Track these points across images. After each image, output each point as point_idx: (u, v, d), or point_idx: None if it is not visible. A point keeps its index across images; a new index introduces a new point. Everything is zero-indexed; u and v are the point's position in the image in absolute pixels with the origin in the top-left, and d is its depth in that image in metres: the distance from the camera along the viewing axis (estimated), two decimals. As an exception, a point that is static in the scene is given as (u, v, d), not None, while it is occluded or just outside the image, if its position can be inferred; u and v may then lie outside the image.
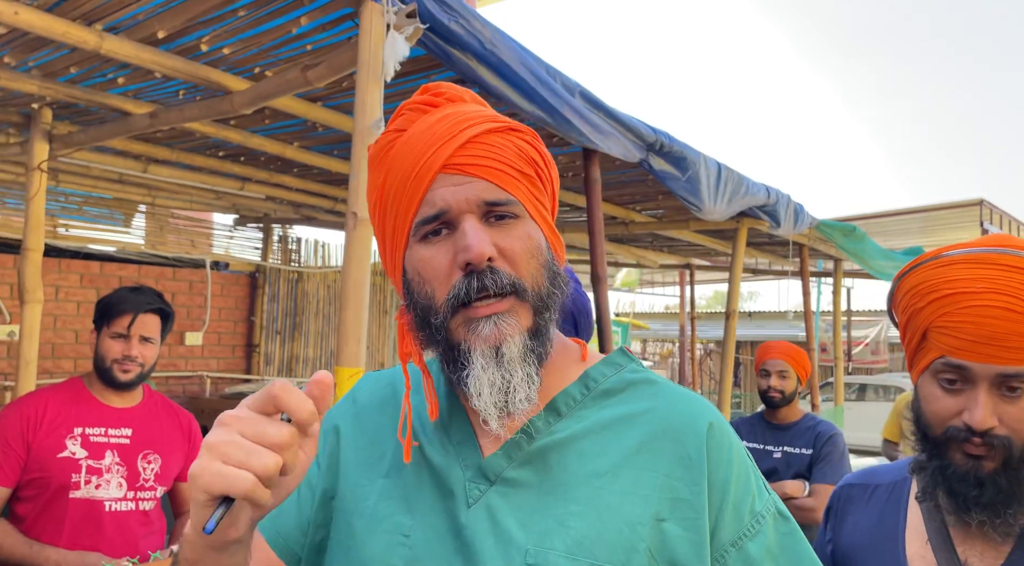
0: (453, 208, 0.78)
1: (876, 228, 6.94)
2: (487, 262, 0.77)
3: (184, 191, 4.85)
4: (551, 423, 0.83)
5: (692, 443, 0.80)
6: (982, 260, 1.05)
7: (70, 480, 2.10)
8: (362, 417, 0.92)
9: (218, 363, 5.58)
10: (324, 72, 2.22)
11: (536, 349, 0.79)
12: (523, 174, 0.82)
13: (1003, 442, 1.03)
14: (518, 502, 0.79)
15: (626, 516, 0.76)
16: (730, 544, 0.78)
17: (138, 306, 2.19)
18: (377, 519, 0.82)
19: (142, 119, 2.88)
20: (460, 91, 0.86)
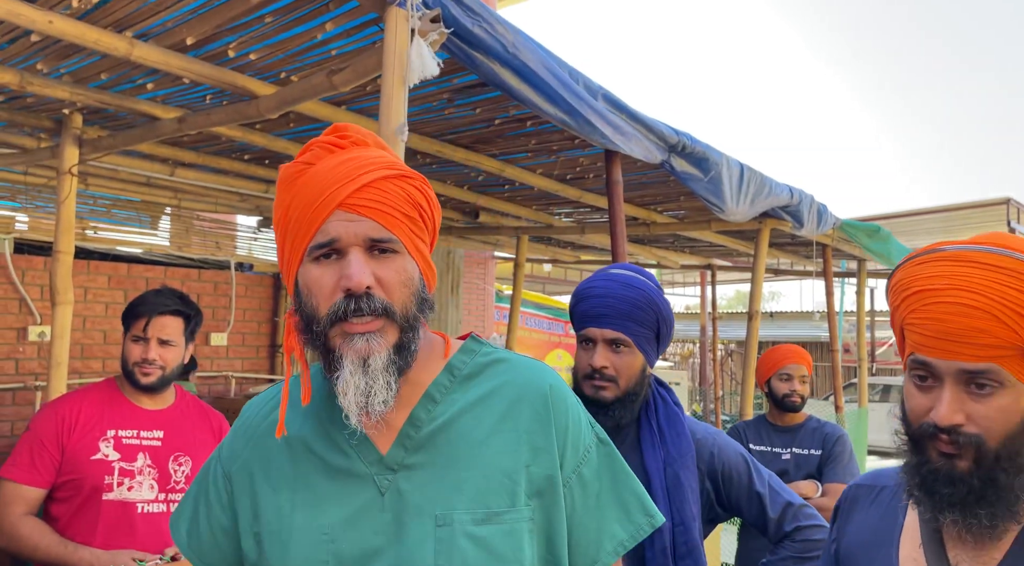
0: (343, 240, 0.94)
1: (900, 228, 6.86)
2: (365, 289, 0.93)
3: (209, 194, 4.91)
4: (430, 410, 1.01)
5: (540, 402, 1.02)
6: (950, 258, 1.04)
7: (103, 482, 2.14)
8: (260, 446, 1.06)
9: (243, 363, 5.65)
10: (349, 76, 2.25)
11: (397, 362, 0.96)
12: (406, 216, 0.98)
13: (972, 440, 1.01)
14: (421, 480, 0.98)
15: (504, 469, 0.98)
16: (572, 471, 1.03)
17: (153, 308, 2.21)
18: (300, 529, 0.98)
19: (170, 124, 2.93)
20: (364, 135, 1.02)
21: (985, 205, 6.38)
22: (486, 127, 3.23)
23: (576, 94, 2.54)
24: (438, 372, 1.04)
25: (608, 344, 1.67)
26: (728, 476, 1.70)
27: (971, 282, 1.00)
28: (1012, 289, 0.98)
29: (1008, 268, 0.99)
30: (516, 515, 0.96)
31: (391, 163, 0.99)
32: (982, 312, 0.98)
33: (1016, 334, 0.98)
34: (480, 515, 0.95)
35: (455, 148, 3.47)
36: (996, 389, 1.00)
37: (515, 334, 5.45)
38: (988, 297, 0.99)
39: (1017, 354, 0.99)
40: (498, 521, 0.95)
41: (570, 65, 2.56)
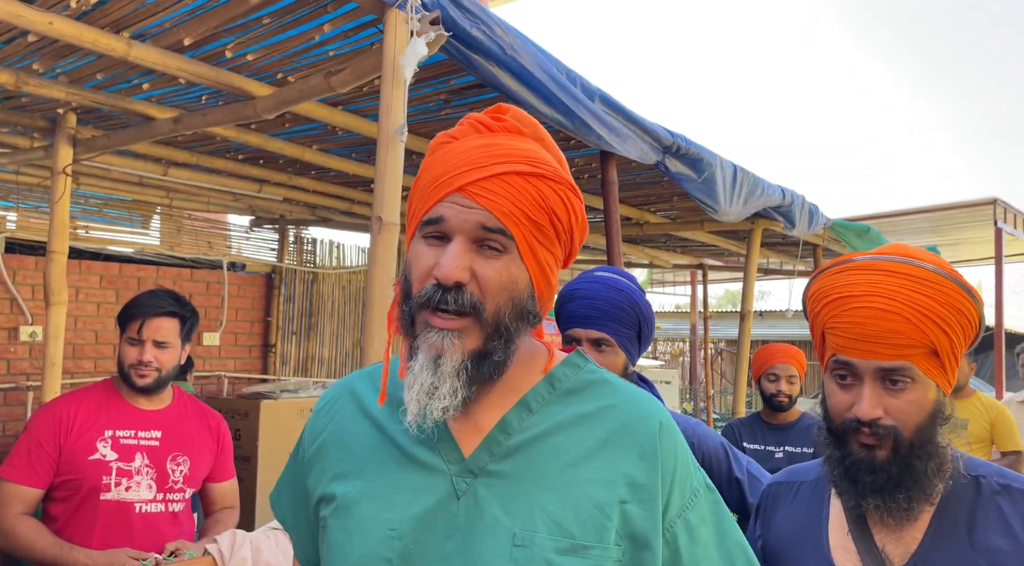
0: (450, 223, 0.89)
1: (889, 227, 6.92)
2: (456, 283, 0.87)
3: (202, 193, 4.90)
4: (524, 419, 0.94)
5: (646, 438, 0.93)
6: (867, 267, 1.16)
7: (101, 482, 2.14)
8: (338, 432, 1.01)
9: (235, 363, 5.63)
10: (348, 78, 2.26)
11: (470, 370, 0.89)
12: (529, 219, 0.90)
13: (890, 431, 1.13)
14: (502, 492, 0.90)
15: (596, 500, 0.89)
16: (676, 516, 0.93)
17: (147, 310, 2.20)
18: (366, 519, 0.92)
19: (165, 124, 2.93)
20: (524, 123, 0.95)
21: (972, 205, 6.43)
22: (482, 128, 3.24)
23: (573, 96, 2.55)
24: (537, 380, 0.97)
25: (592, 344, 1.74)
26: (708, 464, 1.77)
27: (886, 288, 1.12)
28: (919, 294, 1.11)
29: (917, 276, 1.12)
30: (603, 553, 0.87)
31: (534, 159, 0.91)
32: (896, 315, 1.11)
33: (924, 334, 1.11)
34: (564, 544, 0.87)
35: (450, 148, 3.48)
36: (908, 385, 1.13)
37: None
38: (901, 302, 1.11)
39: (925, 352, 1.12)
40: (583, 554, 0.87)
41: (568, 66, 2.58)
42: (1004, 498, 1.14)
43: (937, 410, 1.15)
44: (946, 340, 1.12)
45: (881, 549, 1.16)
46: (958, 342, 1.13)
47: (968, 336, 1.15)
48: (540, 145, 0.95)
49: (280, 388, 5.13)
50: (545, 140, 0.96)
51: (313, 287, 6.17)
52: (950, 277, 1.12)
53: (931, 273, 1.12)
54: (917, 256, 1.15)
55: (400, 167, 1.96)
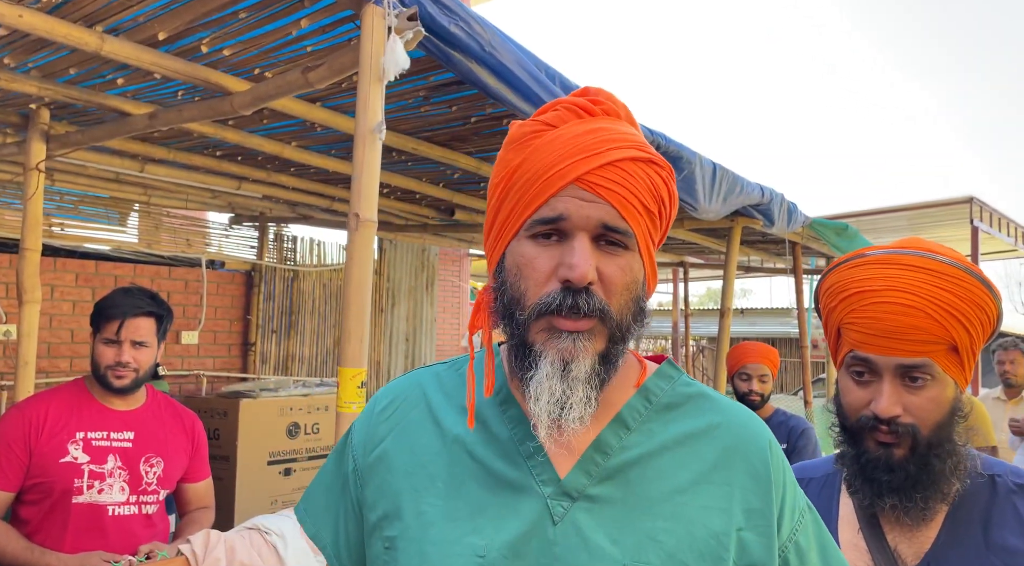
0: (572, 220, 0.81)
1: (868, 225, 6.99)
2: (587, 284, 0.80)
3: (180, 190, 4.85)
4: (621, 437, 0.86)
5: (759, 459, 0.87)
6: (885, 261, 1.12)
7: (72, 485, 2.10)
8: (403, 439, 0.92)
9: (214, 362, 5.58)
10: (325, 74, 2.24)
11: (601, 374, 0.82)
12: (646, 209, 0.84)
13: (908, 430, 1.10)
14: (605, 518, 0.82)
15: (711, 528, 0.82)
16: (787, 539, 0.87)
17: (126, 310, 2.16)
18: (449, 543, 0.82)
19: (141, 120, 2.89)
20: (618, 105, 0.89)
21: (949, 204, 6.52)
22: (462, 125, 3.23)
23: (552, 93, 2.55)
24: (631, 394, 0.89)
25: None
26: None
27: (906, 283, 1.09)
28: (940, 289, 1.07)
29: (936, 270, 1.09)
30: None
31: (641, 144, 0.85)
32: (917, 311, 1.07)
33: (945, 330, 1.07)
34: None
35: (431, 145, 3.47)
36: (928, 382, 1.09)
37: (490, 331, 5.44)
38: (922, 297, 1.07)
39: (946, 349, 1.09)
40: None
41: (547, 64, 2.57)
42: (1020, 497, 1.11)
43: (955, 408, 1.12)
44: (966, 336, 1.08)
45: (893, 548, 1.14)
46: (977, 338, 1.10)
47: (987, 331, 1.11)
48: (634, 127, 0.89)
49: (260, 387, 5.09)
50: (636, 124, 0.91)
51: (294, 285, 6.12)
52: (969, 271, 1.09)
53: (950, 267, 1.09)
54: (934, 250, 1.12)
55: (377, 164, 1.94)
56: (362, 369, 1.90)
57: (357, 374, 1.89)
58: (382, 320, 6.71)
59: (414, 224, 5.68)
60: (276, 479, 4.83)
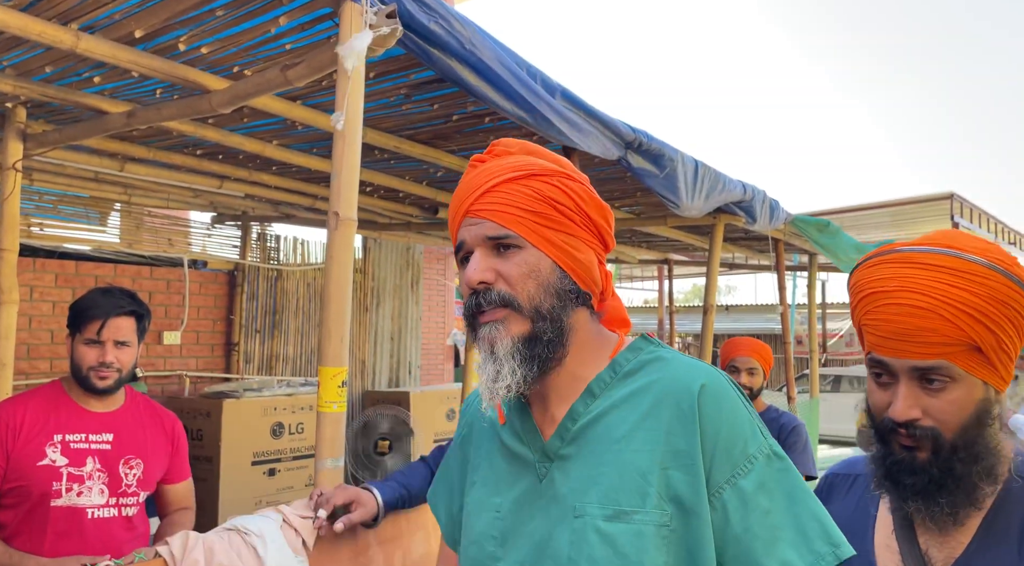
0: (468, 242, 1.03)
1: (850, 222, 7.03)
2: (482, 284, 1.00)
3: (161, 189, 4.80)
4: (588, 404, 1.03)
5: (686, 402, 0.96)
6: (903, 260, 1.09)
7: (51, 488, 2.07)
8: (474, 429, 1.18)
9: (197, 362, 5.54)
10: (304, 71, 2.22)
11: (524, 351, 0.99)
12: (530, 212, 1.01)
13: (928, 433, 1.07)
14: (569, 472, 1.00)
15: (639, 468, 0.95)
16: (724, 482, 0.93)
17: (108, 310, 2.14)
18: (480, 503, 1.08)
19: (118, 118, 2.86)
20: (511, 147, 1.09)
21: (930, 200, 6.56)
22: (444, 123, 3.22)
23: (533, 91, 2.55)
24: (603, 368, 1.05)
25: None
26: None
27: (918, 283, 1.05)
28: (956, 288, 1.03)
29: (952, 268, 1.04)
30: (645, 517, 0.93)
31: (520, 166, 1.03)
32: (929, 312, 1.03)
33: (962, 331, 1.03)
34: (610, 511, 0.95)
35: (413, 144, 3.46)
36: (948, 384, 1.05)
37: (475, 330, 5.44)
38: (934, 297, 1.03)
39: (965, 349, 1.04)
40: (626, 520, 0.94)
41: (528, 62, 2.57)
42: None
43: (983, 410, 1.07)
44: (990, 336, 1.03)
45: (925, 551, 1.11)
46: (1008, 337, 1.04)
47: (1020, 328, 1.05)
48: (530, 156, 1.07)
49: (243, 387, 5.06)
50: (536, 152, 1.08)
51: (277, 284, 6.09)
52: (994, 267, 1.04)
53: (971, 264, 1.04)
54: (960, 245, 1.07)
55: (357, 162, 1.93)
56: (343, 368, 1.89)
57: (338, 373, 1.88)
58: (367, 319, 6.68)
59: (398, 223, 5.66)
60: (260, 479, 4.81)
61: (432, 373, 7.81)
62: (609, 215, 1.07)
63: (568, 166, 1.07)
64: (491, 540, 1.03)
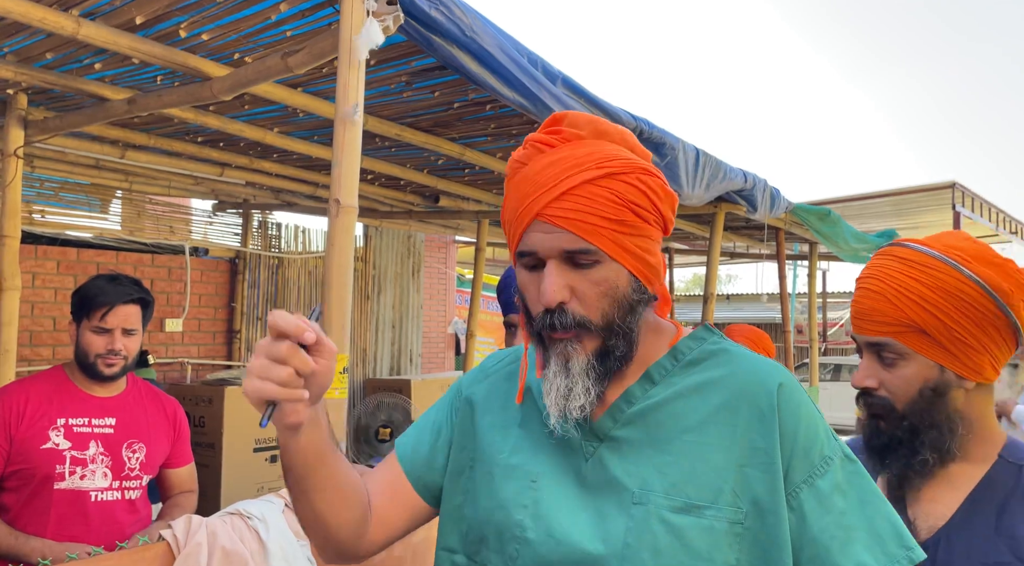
0: (540, 252, 0.95)
1: (851, 211, 7.02)
2: (559, 305, 0.94)
3: (162, 177, 4.81)
4: (647, 389, 1.00)
5: (764, 401, 0.95)
6: (884, 252, 1.24)
7: (54, 471, 2.10)
8: (494, 389, 1.13)
9: (199, 349, 5.57)
10: (305, 59, 2.22)
11: (598, 368, 0.96)
12: (612, 220, 0.93)
13: (881, 402, 1.21)
14: (624, 455, 0.97)
15: (712, 463, 0.93)
16: (802, 482, 0.92)
17: (116, 298, 2.16)
18: (511, 468, 1.03)
19: (120, 105, 2.86)
20: (581, 125, 0.98)
21: (932, 189, 6.55)
22: (445, 111, 3.22)
23: (534, 79, 2.54)
24: (662, 354, 1.02)
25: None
26: None
27: (880, 271, 1.20)
28: (905, 276, 1.17)
29: (909, 259, 1.18)
30: (717, 513, 0.91)
31: (601, 159, 0.94)
32: (878, 295, 1.19)
33: (904, 313, 1.16)
34: (679, 503, 0.92)
35: (414, 131, 3.45)
36: (897, 360, 1.19)
37: (476, 318, 5.46)
38: (884, 283, 1.19)
39: (911, 330, 1.16)
40: (697, 514, 0.91)
41: (529, 49, 2.57)
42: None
43: (935, 388, 1.17)
44: (934, 321, 1.14)
45: (912, 520, 1.19)
46: (960, 326, 1.13)
47: (976, 320, 1.13)
48: (602, 140, 0.97)
49: (245, 374, 5.08)
50: (606, 132, 0.98)
51: (278, 272, 6.10)
52: (947, 260, 1.15)
53: (925, 256, 1.17)
54: (938, 244, 1.18)
55: (358, 149, 1.94)
56: (344, 355, 1.90)
57: (340, 360, 1.89)
58: (368, 307, 6.69)
59: (399, 211, 5.66)
60: (262, 466, 4.83)
61: (433, 361, 7.83)
62: (676, 204, 1.02)
63: (640, 151, 1.00)
64: (521, 509, 0.99)
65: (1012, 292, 1.14)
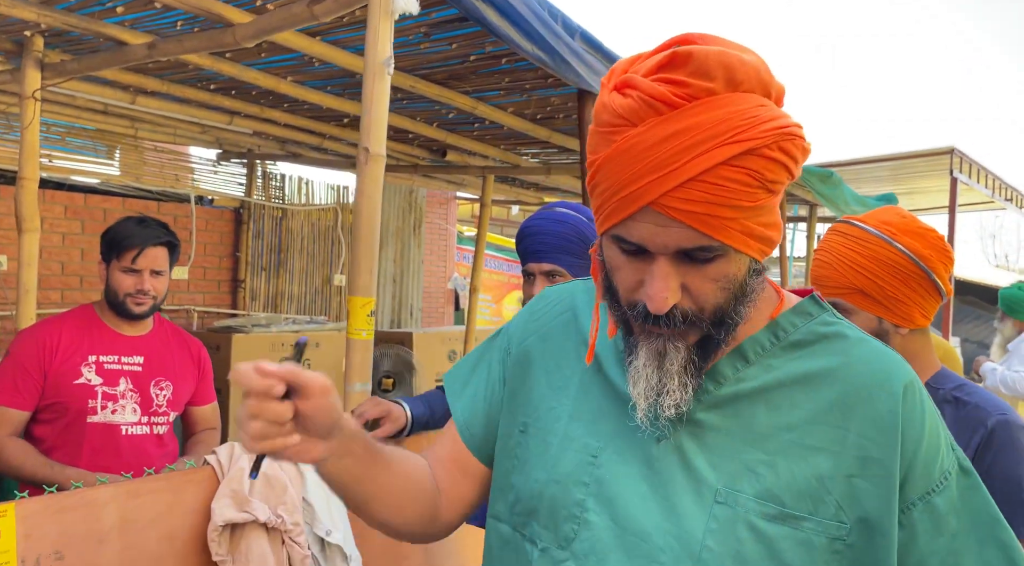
0: (649, 247, 0.78)
1: (850, 175, 7.07)
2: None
3: (168, 124, 4.81)
4: (739, 369, 0.86)
5: (886, 404, 0.82)
6: (833, 229, 1.50)
7: (87, 405, 2.18)
8: (549, 341, 1.00)
9: (204, 298, 5.63)
10: (332, 6, 2.24)
11: (699, 362, 0.83)
12: (743, 210, 0.75)
13: None
14: (708, 443, 0.84)
15: (815, 470, 0.81)
16: (918, 498, 0.82)
17: (146, 240, 2.23)
18: (569, 439, 0.91)
19: (139, 49, 2.87)
20: (711, 73, 0.74)
21: (930, 154, 6.59)
22: (460, 63, 3.24)
23: (554, 32, 2.57)
24: (760, 327, 0.88)
25: (545, 276, 1.86)
26: None
27: (829, 245, 1.48)
28: (846, 248, 1.44)
29: (850, 235, 1.45)
30: (817, 526, 0.80)
31: (739, 128, 0.73)
32: (826, 264, 1.46)
33: (846, 279, 1.42)
34: (772, 510, 0.80)
35: (428, 83, 3.47)
36: (846, 315, 1.39)
37: (479, 276, 5.54)
38: (831, 254, 1.46)
39: (853, 291, 1.42)
40: (793, 525, 0.80)
41: (549, 2, 2.59)
42: (949, 406, 1.39)
43: (874, 335, 1.35)
44: (871, 283, 1.40)
45: None
46: (892, 286, 1.40)
47: (904, 281, 1.39)
48: (737, 92, 0.75)
49: (252, 322, 5.16)
50: (743, 81, 0.75)
51: (282, 224, 6.14)
52: (878, 234, 1.41)
53: (861, 231, 1.43)
54: (874, 220, 1.44)
55: (386, 99, 1.98)
56: (371, 298, 1.98)
57: (367, 303, 1.97)
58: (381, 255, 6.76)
59: (404, 165, 5.69)
60: (268, 412, 4.94)
61: (433, 316, 7.93)
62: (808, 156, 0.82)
63: (777, 90, 0.78)
64: (581, 487, 0.87)
65: (931, 256, 1.40)
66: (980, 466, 1.24)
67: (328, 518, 1.63)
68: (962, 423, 1.35)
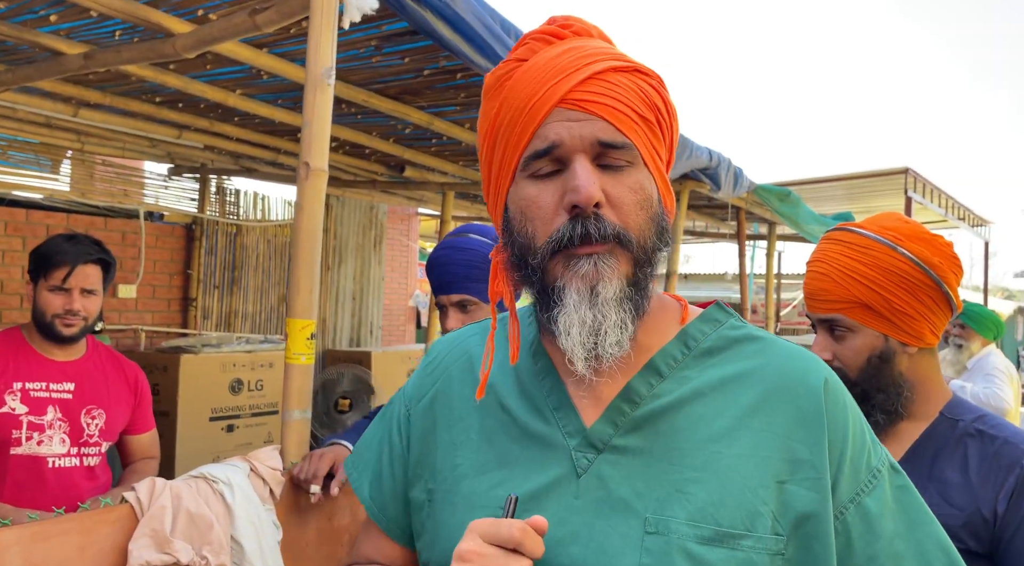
0: (566, 144, 0.76)
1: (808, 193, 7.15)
2: (594, 207, 0.75)
3: (117, 137, 4.65)
4: (653, 385, 0.81)
5: (808, 401, 0.79)
6: (828, 237, 1.36)
7: (11, 436, 2.05)
8: (447, 393, 0.91)
9: (153, 317, 5.44)
10: (274, 17, 2.16)
11: (633, 298, 0.77)
12: (643, 118, 0.78)
13: (839, 372, 1.28)
14: (631, 470, 0.77)
15: (747, 480, 0.75)
16: (848, 501, 0.78)
17: (76, 257, 2.11)
18: (475, 496, 0.82)
19: (75, 59, 2.75)
20: (588, 26, 0.83)
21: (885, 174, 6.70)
22: (415, 78, 3.18)
23: (508, 47, 2.52)
24: (669, 339, 0.83)
25: (457, 306, 1.80)
26: None
27: (825, 254, 1.33)
28: (847, 258, 1.29)
29: (849, 242, 1.30)
30: (756, 543, 0.74)
31: (621, 55, 0.80)
32: (825, 276, 1.31)
33: (849, 291, 1.28)
34: (707, 532, 0.74)
35: (382, 98, 3.40)
36: (847, 333, 1.31)
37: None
38: (830, 265, 1.31)
39: (856, 306, 1.28)
40: (732, 545, 0.73)
41: (503, 16, 2.54)
42: (973, 440, 1.23)
43: (879, 356, 1.29)
44: (876, 296, 1.26)
45: None
46: (899, 298, 1.26)
47: (912, 292, 1.26)
48: (612, 45, 0.83)
49: (201, 342, 4.99)
50: (612, 41, 0.84)
51: (236, 240, 5.98)
52: (881, 240, 1.27)
53: (863, 238, 1.29)
54: (863, 224, 1.32)
55: (329, 112, 1.91)
56: (311, 321, 1.88)
57: (306, 326, 1.87)
58: (328, 278, 6.62)
59: (363, 180, 5.59)
60: (219, 435, 4.77)
61: (394, 334, 7.80)
62: (678, 127, 0.86)
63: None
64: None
65: (941, 264, 1.26)
66: (1017, 513, 1.11)
67: (259, 558, 1.52)
68: (992, 463, 1.18)
